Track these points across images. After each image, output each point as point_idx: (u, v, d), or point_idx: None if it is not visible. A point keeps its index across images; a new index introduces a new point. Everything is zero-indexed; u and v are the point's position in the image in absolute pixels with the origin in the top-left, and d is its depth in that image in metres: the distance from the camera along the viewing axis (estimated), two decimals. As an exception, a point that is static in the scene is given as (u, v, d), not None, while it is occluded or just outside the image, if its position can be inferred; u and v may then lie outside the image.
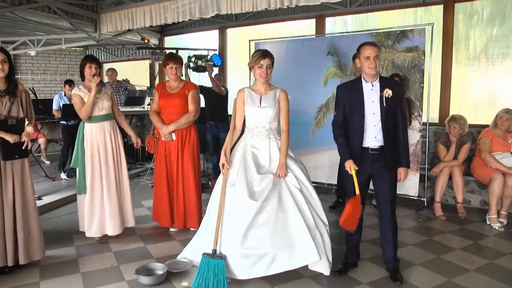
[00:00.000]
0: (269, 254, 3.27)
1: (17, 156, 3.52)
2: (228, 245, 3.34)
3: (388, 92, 3.28)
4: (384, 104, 3.30)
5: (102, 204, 4.25)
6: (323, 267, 3.44)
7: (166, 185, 4.57)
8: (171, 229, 4.67)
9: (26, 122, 3.64)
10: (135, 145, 4.61)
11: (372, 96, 3.34)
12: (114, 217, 4.26)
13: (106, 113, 4.31)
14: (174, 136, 4.49)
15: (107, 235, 4.33)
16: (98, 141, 4.23)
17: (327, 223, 3.53)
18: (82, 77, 4.31)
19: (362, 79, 3.40)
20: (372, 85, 3.36)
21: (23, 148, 3.54)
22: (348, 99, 3.42)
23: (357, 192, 3.34)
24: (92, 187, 4.22)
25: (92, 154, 4.22)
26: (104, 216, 4.27)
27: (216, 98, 6.62)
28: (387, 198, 3.42)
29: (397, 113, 3.37)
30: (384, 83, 3.37)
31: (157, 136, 4.62)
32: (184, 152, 4.51)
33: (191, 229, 4.58)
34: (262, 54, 3.52)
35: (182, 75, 4.66)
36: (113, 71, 8.23)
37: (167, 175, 4.56)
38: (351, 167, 3.37)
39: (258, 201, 3.30)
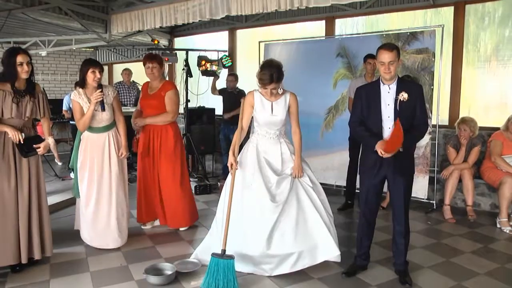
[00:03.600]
0: (294, 254, 3.42)
1: (35, 152, 3.55)
2: (252, 247, 3.45)
3: (403, 96, 3.23)
4: (398, 108, 3.25)
5: (96, 213, 4.12)
6: (336, 257, 3.54)
7: (139, 181, 4.65)
8: (142, 227, 4.75)
9: (48, 137, 3.68)
10: (118, 155, 4.14)
11: (387, 99, 3.31)
12: (108, 230, 4.13)
13: (106, 124, 4.08)
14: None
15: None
16: (93, 149, 4.08)
17: (332, 214, 3.69)
18: (82, 83, 3.96)
19: (380, 82, 3.36)
20: (389, 88, 3.31)
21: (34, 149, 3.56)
22: (366, 101, 3.40)
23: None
24: (86, 194, 4.11)
25: (85, 160, 4.10)
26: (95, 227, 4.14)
27: (230, 100, 6.64)
28: (400, 201, 3.41)
29: (415, 116, 3.29)
30: (402, 86, 3.30)
31: (137, 136, 4.66)
32: (161, 152, 4.49)
33: (180, 229, 4.65)
34: (268, 81, 3.41)
35: (165, 76, 4.66)
36: (129, 72, 8.30)
37: (141, 172, 4.62)
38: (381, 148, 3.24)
39: (279, 203, 3.43)
